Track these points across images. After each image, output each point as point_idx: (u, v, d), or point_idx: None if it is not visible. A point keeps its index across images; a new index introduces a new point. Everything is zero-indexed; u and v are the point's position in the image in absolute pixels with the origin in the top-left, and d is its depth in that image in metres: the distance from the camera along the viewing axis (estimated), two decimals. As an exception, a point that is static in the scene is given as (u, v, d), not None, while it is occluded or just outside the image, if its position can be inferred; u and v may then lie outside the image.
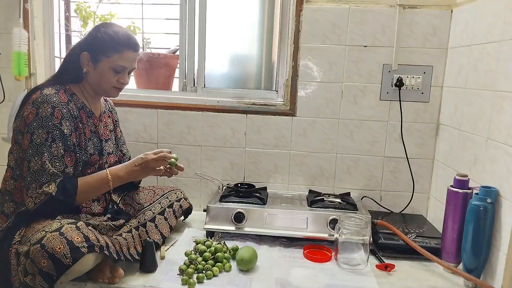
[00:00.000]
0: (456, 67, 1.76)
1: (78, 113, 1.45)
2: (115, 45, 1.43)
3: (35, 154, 1.33)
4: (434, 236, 1.65)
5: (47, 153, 1.34)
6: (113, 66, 1.45)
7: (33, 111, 1.35)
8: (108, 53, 1.43)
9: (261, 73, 2.15)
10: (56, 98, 1.37)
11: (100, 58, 1.44)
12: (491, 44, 1.48)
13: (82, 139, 1.46)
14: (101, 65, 1.45)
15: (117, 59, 1.44)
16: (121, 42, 1.44)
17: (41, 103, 1.35)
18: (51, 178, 1.33)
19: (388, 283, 1.42)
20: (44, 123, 1.34)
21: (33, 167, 1.33)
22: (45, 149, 1.33)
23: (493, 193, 1.36)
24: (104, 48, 1.43)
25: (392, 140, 1.96)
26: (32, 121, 1.34)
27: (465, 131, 1.64)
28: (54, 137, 1.35)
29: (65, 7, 2.23)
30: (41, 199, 1.31)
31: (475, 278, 1.37)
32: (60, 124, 1.36)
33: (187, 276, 1.36)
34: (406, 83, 1.89)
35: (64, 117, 1.38)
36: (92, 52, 1.45)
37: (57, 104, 1.37)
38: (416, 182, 1.95)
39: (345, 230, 1.51)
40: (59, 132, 1.36)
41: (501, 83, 1.40)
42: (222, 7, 2.09)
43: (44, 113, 1.34)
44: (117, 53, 1.44)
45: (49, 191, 1.31)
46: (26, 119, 1.36)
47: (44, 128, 1.34)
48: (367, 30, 1.89)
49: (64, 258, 1.16)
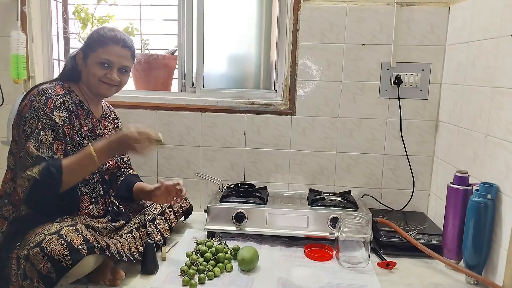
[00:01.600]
0: (455, 64, 1.76)
1: (74, 108, 1.45)
2: (101, 39, 1.46)
3: (25, 143, 1.31)
4: (435, 233, 1.65)
5: (34, 139, 1.30)
6: (98, 60, 1.45)
7: (27, 104, 1.37)
8: (94, 48, 1.46)
9: (260, 73, 2.15)
10: (51, 90, 1.38)
11: (88, 54, 1.47)
12: (489, 41, 1.48)
13: (76, 133, 1.44)
14: (89, 61, 1.47)
15: (102, 53, 1.45)
16: (107, 37, 1.46)
17: (36, 96, 1.36)
18: (35, 161, 1.27)
19: (389, 281, 1.42)
20: (36, 113, 1.34)
21: (21, 155, 1.30)
22: (33, 135, 1.31)
23: (493, 190, 1.36)
24: (91, 44, 1.46)
25: (391, 137, 1.96)
26: (25, 113, 1.35)
27: (464, 127, 1.64)
28: (44, 125, 1.33)
29: (63, 9, 2.22)
30: (26, 186, 1.26)
31: (477, 275, 1.37)
32: (51, 113, 1.35)
33: (188, 277, 1.36)
34: (405, 81, 1.89)
35: (57, 107, 1.37)
36: (84, 50, 1.48)
37: (51, 95, 1.37)
38: (416, 179, 1.95)
39: (346, 228, 1.51)
40: (50, 120, 1.34)
41: (500, 79, 1.40)
42: (220, 7, 2.09)
43: (37, 104, 1.35)
44: (102, 47, 1.45)
45: (32, 174, 1.25)
46: (21, 112, 1.38)
47: (36, 117, 1.33)
48: (365, 28, 1.89)
49: (64, 260, 1.16)
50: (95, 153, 1.33)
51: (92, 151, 1.33)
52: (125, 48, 1.49)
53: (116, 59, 1.47)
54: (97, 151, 1.33)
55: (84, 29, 2.13)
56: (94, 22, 2.12)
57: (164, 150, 2.05)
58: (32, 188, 1.26)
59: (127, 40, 1.50)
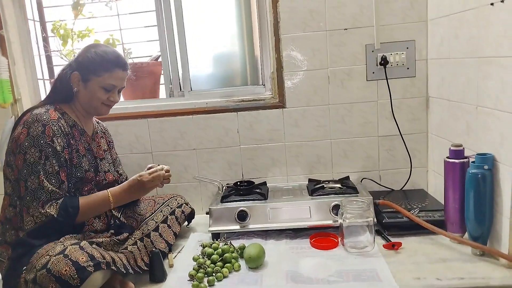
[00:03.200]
0: (438, 38, 1.76)
1: (70, 130, 1.46)
2: (105, 64, 1.47)
3: (31, 173, 1.35)
4: (437, 208, 1.66)
5: (42, 171, 1.35)
6: (103, 85, 1.48)
7: (24, 132, 1.37)
8: (98, 73, 1.47)
9: (246, 69, 2.14)
10: (46, 116, 1.39)
11: (90, 77, 1.47)
12: (469, 11, 1.48)
13: (74, 155, 1.46)
14: (91, 84, 1.48)
15: (107, 78, 1.48)
16: (110, 61, 1.48)
17: (32, 123, 1.37)
18: (51, 196, 1.35)
19: (397, 261, 1.43)
20: (36, 141, 1.36)
21: (30, 186, 1.34)
22: (40, 167, 1.35)
23: (489, 160, 1.37)
24: (94, 68, 1.47)
25: (383, 119, 1.96)
26: (23, 141, 1.36)
27: (454, 101, 1.64)
28: (47, 154, 1.36)
29: (41, 28, 2.20)
30: (42, 220, 1.33)
31: (482, 245, 1.38)
32: (52, 142, 1.37)
33: (197, 281, 1.36)
34: (391, 61, 1.89)
35: (55, 134, 1.39)
36: (83, 72, 1.48)
37: (47, 122, 1.38)
38: (412, 157, 1.96)
39: (348, 214, 1.52)
40: (52, 149, 1.37)
41: (484, 49, 1.40)
42: (198, 8, 2.07)
43: (35, 132, 1.36)
44: (107, 72, 1.48)
45: (51, 213, 1.33)
46: (17, 139, 1.38)
47: (37, 147, 1.35)
48: (346, 13, 1.88)
49: (72, 279, 1.16)
50: (112, 198, 1.45)
51: (109, 196, 1.45)
52: (126, 71, 1.54)
53: (120, 83, 1.53)
54: (114, 196, 1.46)
55: (65, 46, 2.11)
56: (74, 37, 2.10)
57: (159, 157, 2.05)
58: (46, 224, 1.33)
59: (126, 63, 1.55)
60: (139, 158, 2.04)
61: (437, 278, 1.30)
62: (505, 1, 1.26)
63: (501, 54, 1.30)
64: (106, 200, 1.45)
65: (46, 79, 2.23)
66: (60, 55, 2.15)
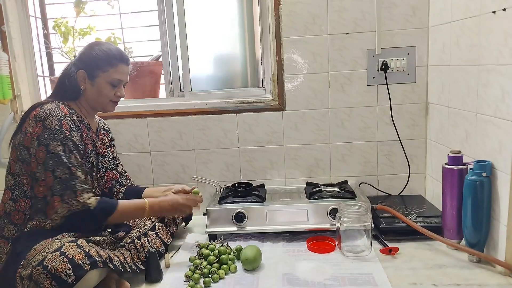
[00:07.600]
0: (439, 45, 1.77)
1: (80, 125, 1.48)
2: (110, 60, 1.50)
3: (59, 164, 1.35)
4: (434, 214, 1.66)
5: (70, 163, 1.36)
6: (110, 80, 1.51)
7: (38, 125, 1.37)
8: (104, 68, 1.50)
9: (247, 71, 2.15)
10: (59, 111, 1.41)
11: (97, 74, 1.50)
12: (471, 19, 1.49)
13: (86, 150, 1.49)
14: (98, 80, 1.50)
15: (113, 73, 1.51)
16: (114, 56, 1.51)
17: (46, 116, 1.38)
18: (85, 185, 1.37)
19: (393, 266, 1.43)
20: (56, 135, 1.37)
21: (60, 176, 1.35)
22: (66, 159, 1.36)
23: (487, 167, 1.37)
24: (100, 64, 1.49)
25: (383, 124, 1.96)
26: (41, 134, 1.36)
27: (454, 108, 1.65)
28: (70, 148, 1.38)
29: (43, 25, 2.20)
30: (77, 208, 1.33)
31: (478, 252, 1.38)
32: (71, 135, 1.40)
33: (193, 281, 1.36)
34: (391, 66, 1.89)
35: (71, 128, 1.41)
36: (89, 69, 1.50)
37: (62, 117, 1.40)
38: (411, 163, 1.96)
39: (345, 218, 1.52)
40: (72, 143, 1.39)
41: (485, 56, 1.41)
42: (201, 9, 2.08)
43: (52, 126, 1.37)
44: (112, 67, 1.50)
45: (89, 203, 1.35)
46: (32, 133, 1.37)
47: (58, 140, 1.36)
48: (347, 17, 1.89)
49: (67, 277, 1.16)
50: (148, 208, 1.47)
51: (147, 206, 1.47)
52: (129, 66, 1.57)
53: (125, 77, 1.56)
54: (150, 207, 1.48)
55: (66, 43, 2.11)
56: (75, 35, 2.10)
57: (158, 157, 2.05)
58: (80, 213, 1.34)
59: (128, 58, 1.58)
60: (138, 157, 2.05)
61: (434, 284, 1.30)
62: (507, 9, 1.27)
63: (502, 62, 1.31)
64: (142, 209, 1.47)
65: (46, 76, 2.23)
66: (61, 53, 2.14)
